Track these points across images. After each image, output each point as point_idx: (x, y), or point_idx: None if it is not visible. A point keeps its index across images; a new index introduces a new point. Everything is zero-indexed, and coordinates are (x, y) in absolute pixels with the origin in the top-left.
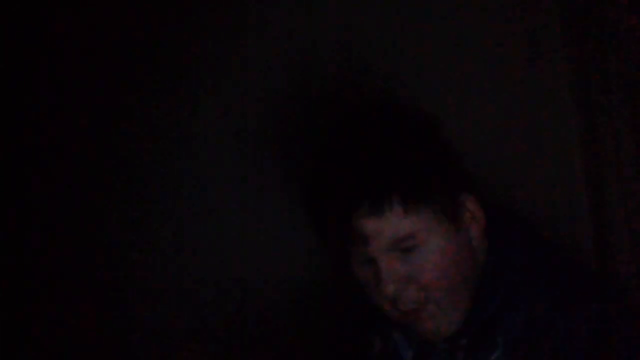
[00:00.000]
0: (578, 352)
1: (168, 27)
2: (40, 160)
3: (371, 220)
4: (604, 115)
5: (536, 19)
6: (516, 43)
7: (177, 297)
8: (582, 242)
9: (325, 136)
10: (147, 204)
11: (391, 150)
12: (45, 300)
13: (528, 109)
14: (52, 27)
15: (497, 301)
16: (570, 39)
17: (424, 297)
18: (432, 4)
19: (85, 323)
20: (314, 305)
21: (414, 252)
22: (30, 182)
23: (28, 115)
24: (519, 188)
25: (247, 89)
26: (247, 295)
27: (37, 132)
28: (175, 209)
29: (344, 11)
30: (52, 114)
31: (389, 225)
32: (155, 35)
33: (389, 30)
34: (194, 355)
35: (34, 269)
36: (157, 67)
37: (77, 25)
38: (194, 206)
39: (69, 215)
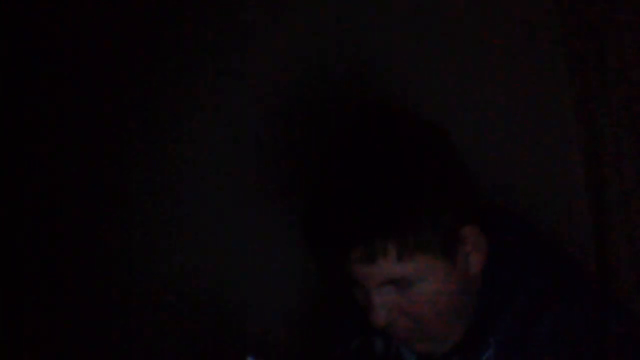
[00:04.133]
0: (567, 350)
1: (169, 27)
2: (40, 160)
3: (363, 266)
4: (604, 115)
5: (536, 19)
6: (516, 43)
7: (176, 301)
8: (582, 243)
9: (319, 170)
10: (145, 207)
11: (388, 188)
12: (44, 300)
13: (528, 110)
14: (51, 26)
15: (493, 307)
16: (570, 39)
17: (413, 326)
18: (432, 5)
19: (84, 324)
20: (314, 308)
21: (408, 289)
22: (30, 182)
23: (28, 115)
24: (519, 188)
25: (247, 91)
26: (246, 297)
27: (36, 132)
28: (175, 212)
29: (345, 12)
30: (50, 114)
31: (381, 270)
32: (155, 36)
33: (390, 32)
34: (192, 357)
35: (33, 269)
36: (156, 68)
37: (77, 25)
38: (192, 209)
39: (68, 216)
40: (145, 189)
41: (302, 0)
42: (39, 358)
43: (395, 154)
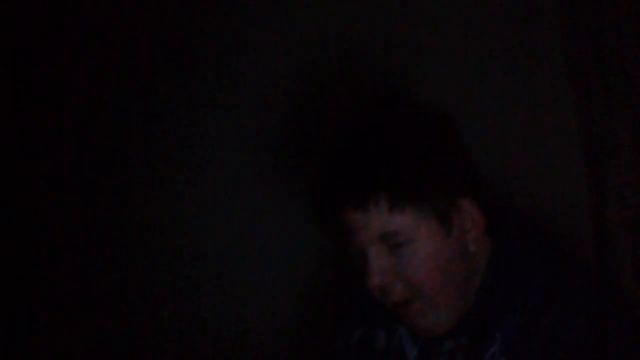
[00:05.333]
0: (571, 345)
1: (169, 27)
2: (40, 160)
3: (357, 214)
4: (604, 115)
5: (536, 19)
6: (516, 43)
7: (177, 298)
8: (582, 242)
9: (330, 132)
10: (147, 204)
11: (385, 147)
12: (44, 301)
13: (528, 109)
14: (53, 26)
15: (497, 301)
16: (570, 38)
17: (410, 294)
18: (431, 5)
19: (85, 325)
20: (317, 302)
21: (403, 248)
22: (30, 182)
23: (28, 115)
24: (519, 188)
25: (248, 88)
26: (248, 294)
27: (37, 132)
28: (176, 209)
29: (346, 8)
30: (52, 114)
31: (374, 220)
32: (156, 35)
33: (392, 29)
34: (193, 356)
35: (33, 270)
36: (158, 67)
37: (79, 25)
38: (194, 205)
39: (68, 216)
40: (146, 187)
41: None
42: (39, 358)
43: (394, 128)
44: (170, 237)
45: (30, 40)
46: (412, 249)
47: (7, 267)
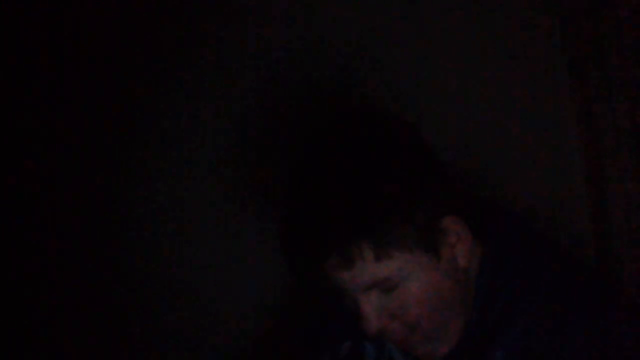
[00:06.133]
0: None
1: (167, 25)
2: (40, 160)
3: (342, 272)
4: (604, 115)
5: (535, 19)
6: (516, 44)
7: (177, 299)
8: (582, 242)
9: (291, 178)
10: (146, 206)
11: (354, 194)
12: (44, 301)
13: (528, 110)
14: (52, 25)
15: (496, 314)
16: (570, 39)
17: (409, 329)
18: (431, 6)
19: (82, 325)
20: (302, 311)
21: (395, 291)
22: (30, 182)
23: (28, 114)
24: (518, 188)
25: (245, 90)
26: (242, 301)
27: (36, 131)
28: (175, 210)
29: (345, 8)
30: (50, 113)
31: (361, 274)
32: (153, 34)
33: (391, 30)
34: (192, 356)
35: (33, 270)
36: (154, 67)
37: (77, 24)
38: (190, 207)
39: (67, 216)
40: (146, 187)
41: (296, 3)
42: (39, 357)
43: (359, 157)
44: (170, 238)
45: (30, 40)
46: (405, 290)
47: (7, 267)
